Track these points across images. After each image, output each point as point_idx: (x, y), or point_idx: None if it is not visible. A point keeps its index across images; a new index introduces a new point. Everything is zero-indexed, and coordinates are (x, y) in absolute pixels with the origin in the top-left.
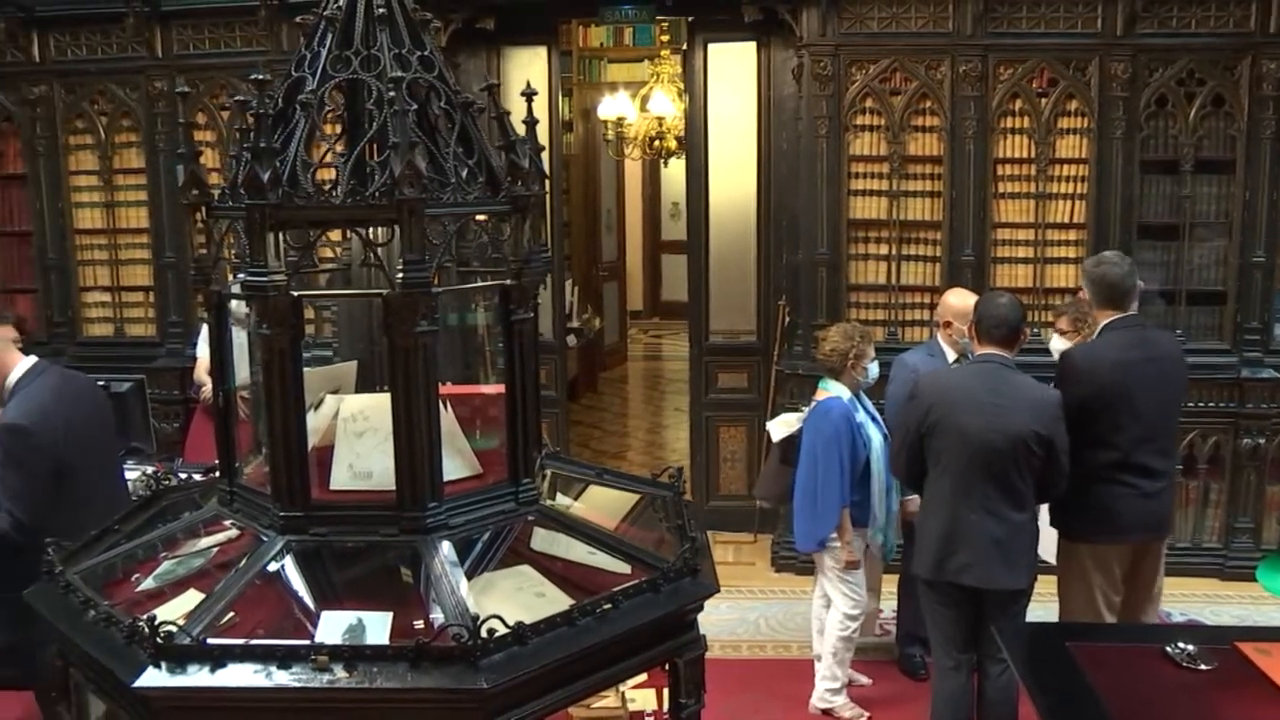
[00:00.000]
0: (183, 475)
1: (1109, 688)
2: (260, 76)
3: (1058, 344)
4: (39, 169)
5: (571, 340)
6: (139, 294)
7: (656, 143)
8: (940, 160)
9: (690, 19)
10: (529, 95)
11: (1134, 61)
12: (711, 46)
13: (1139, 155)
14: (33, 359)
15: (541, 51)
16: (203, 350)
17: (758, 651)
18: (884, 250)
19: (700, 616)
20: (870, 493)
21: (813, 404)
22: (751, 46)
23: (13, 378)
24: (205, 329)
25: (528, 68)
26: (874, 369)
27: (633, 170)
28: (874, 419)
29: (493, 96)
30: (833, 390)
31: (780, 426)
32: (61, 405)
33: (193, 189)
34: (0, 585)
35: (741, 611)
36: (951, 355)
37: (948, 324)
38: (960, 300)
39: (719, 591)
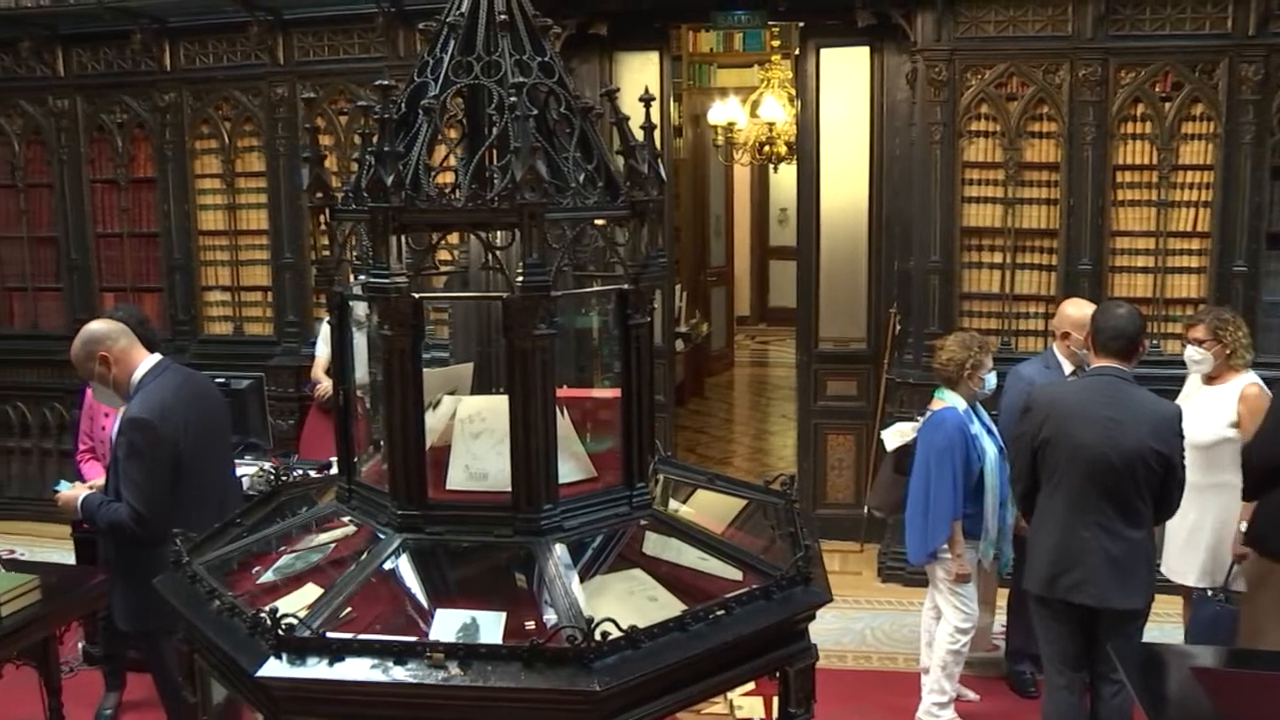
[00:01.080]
0: (297, 472)
1: (1235, 716)
2: (385, 82)
3: (1194, 354)
4: (167, 173)
5: (679, 345)
6: (257, 294)
7: (766, 148)
8: (1057, 167)
9: (802, 24)
10: (647, 101)
11: (1267, 63)
12: (824, 52)
13: (1269, 161)
14: (156, 357)
15: (653, 57)
16: (320, 349)
17: (863, 662)
18: (998, 259)
19: None
20: (984, 505)
21: (927, 414)
22: (864, 51)
23: (137, 375)
24: (323, 328)
25: (639, 73)
26: (991, 380)
27: (741, 175)
28: (989, 431)
29: (613, 102)
30: (948, 400)
31: (894, 436)
32: (181, 402)
33: (317, 192)
34: (128, 574)
35: (847, 621)
36: (1068, 367)
37: (1065, 335)
38: (1078, 310)
39: (831, 601)
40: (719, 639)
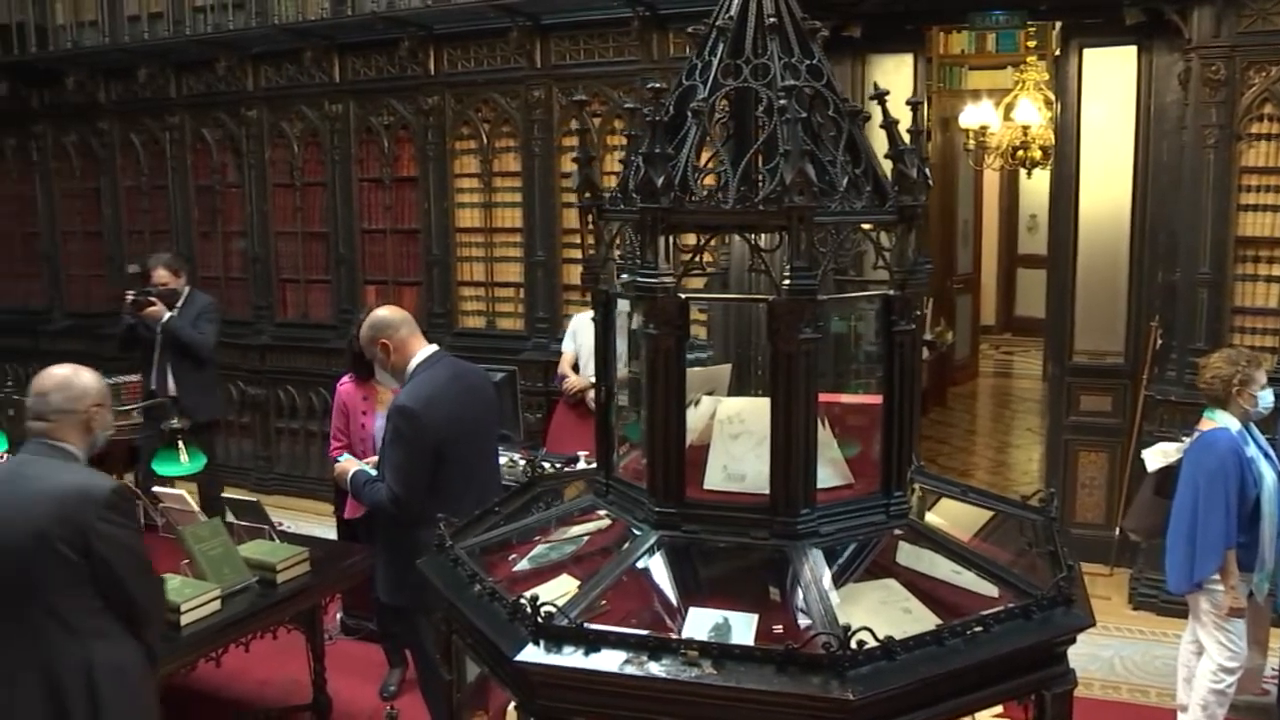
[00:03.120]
0: (545, 465)
1: None
2: (656, 85)
3: None
4: (428, 172)
5: (925, 353)
6: (510, 289)
7: (1019, 152)
8: None
9: (1064, 23)
10: (914, 104)
11: None
12: (1086, 51)
13: None
14: (433, 348)
15: (907, 59)
16: (566, 345)
17: (1111, 693)
18: (1277, 271)
19: None
20: (1259, 534)
21: (1196, 434)
22: (1131, 51)
23: (412, 364)
24: (570, 325)
25: (892, 75)
26: (1266, 397)
27: (990, 181)
28: (1266, 454)
29: (883, 105)
30: (1220, 420)
31: (1157, 456)
32: (448, 394)
33: (586, 192)
34: (390, 550)
35: (1094, 648)
36: None
37: None
38: None
39: (1094, 625)
40: (975, 656)
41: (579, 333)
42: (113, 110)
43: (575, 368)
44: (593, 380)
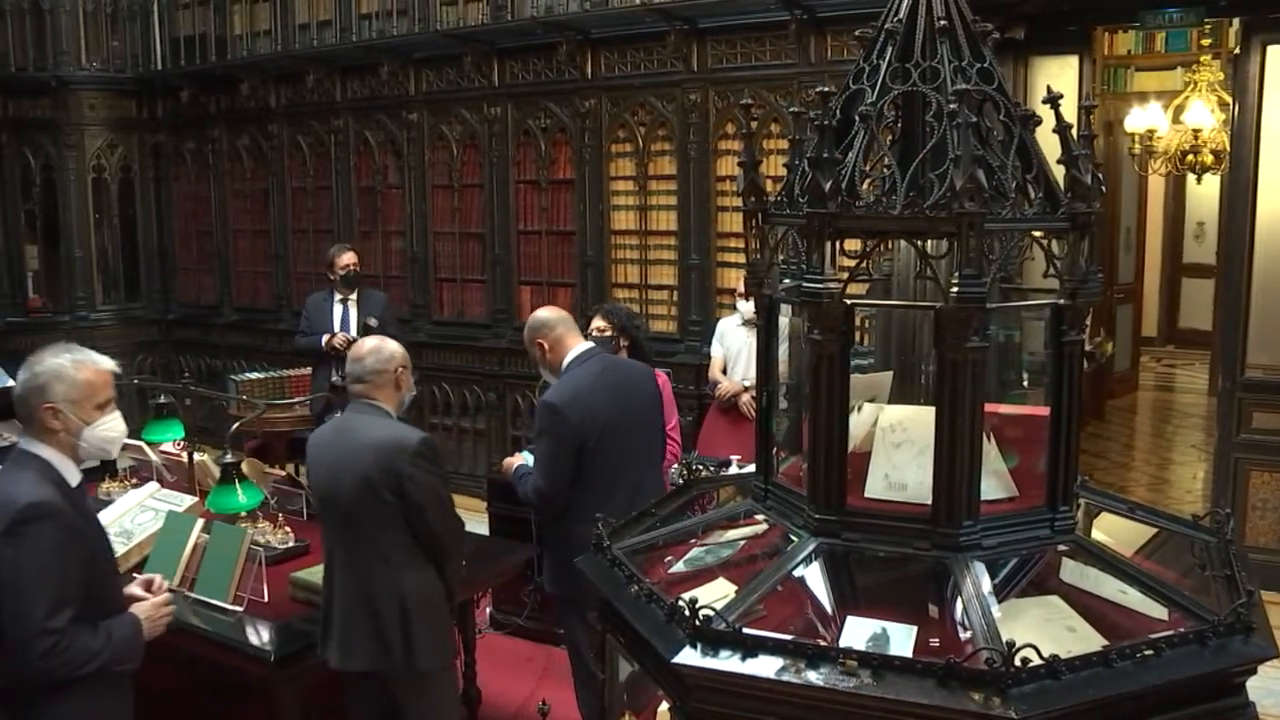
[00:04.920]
0: (697, 468)
1: None
2: (825, 89)
3: None
4: (584, 174)
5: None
6: (663, 292)
7: (1189, 157)
8: None
9: (1245, 19)
10: (1088, 108)
11: None
12: (1271, 49)
13: None
14: (586, 345)
15: (1071, 61)
16: (714, 349)
17: None
18: None
19: None
20: None
21: None
22: None
23: (565, 361)
24: (718, 329)
25: (1056, 78)
26: None
27: (1155, 187)
28: None
29: (1055, 109)
30: None
31: None
32: (596, 391)
33: (751, 196)
34: (550, 542)
35: (1269, 681)
36: None
37: None
38: None
39: (1277, 656)
40: (1146, 681)
41: (725, 336)
42: (282, 114)
43: (724, 370)
44: (743, 384)
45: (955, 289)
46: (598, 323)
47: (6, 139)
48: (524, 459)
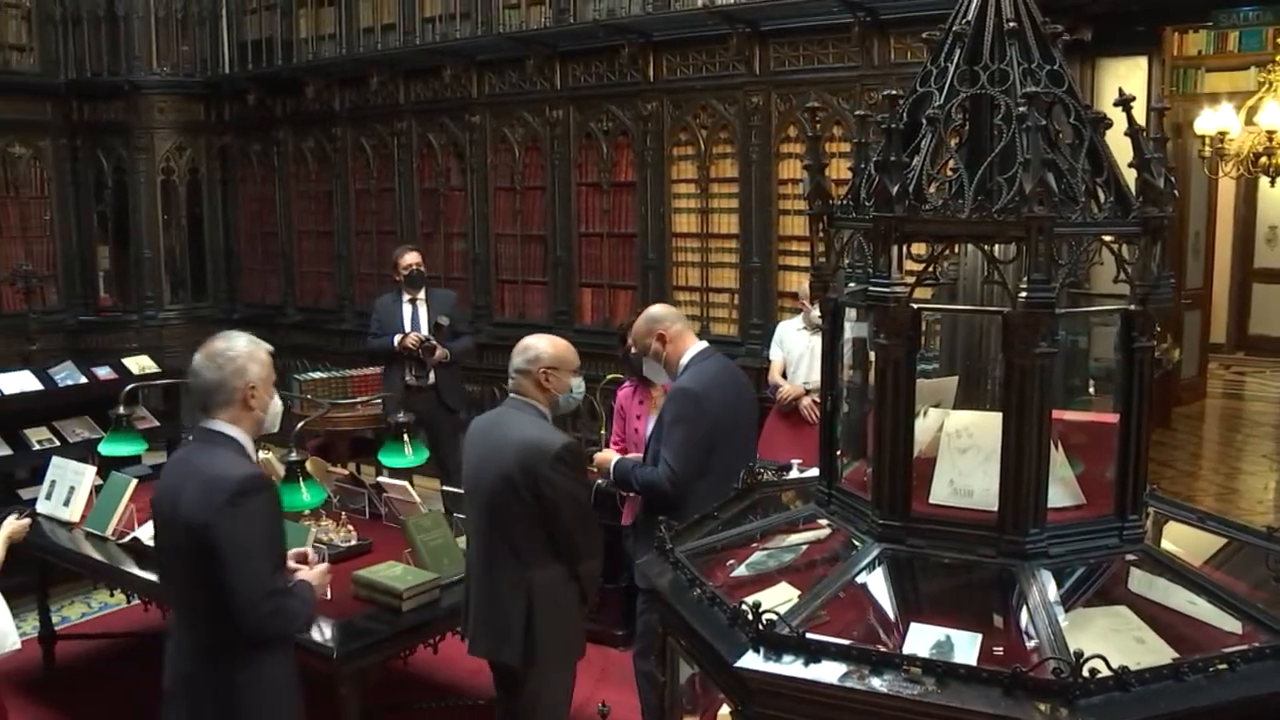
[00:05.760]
0: (759, 471)
1: None
2: (893, 93)
3: None
4: (646, 177)
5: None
6: (724, 295)
7: (1262, 159)
8: None
9: None
10: (1159, 109)
11: None
12: None
13: None
14: (704, 344)
15: (1140, 62)
16: (774, 353)
17: None
18: None
19: None
20: None
21: None
22: None
23: (685, 357)
24: (778, 332)
25: (1124, 79)
26: None
27: (1225, 190)
28: None
29: (1127, 111)
30: None
31: None
32: (720, 387)
33: (817, 199)
34: (646, 538)
35: None
36: None
37: None
38: None
39: None
40: (1219, 696)
41: (785, 339)
42: (346, 117)
43: (783, 374)
44: (803, 387)
45: (1024, 294)
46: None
47: (81, 142)
48: (609, 453)
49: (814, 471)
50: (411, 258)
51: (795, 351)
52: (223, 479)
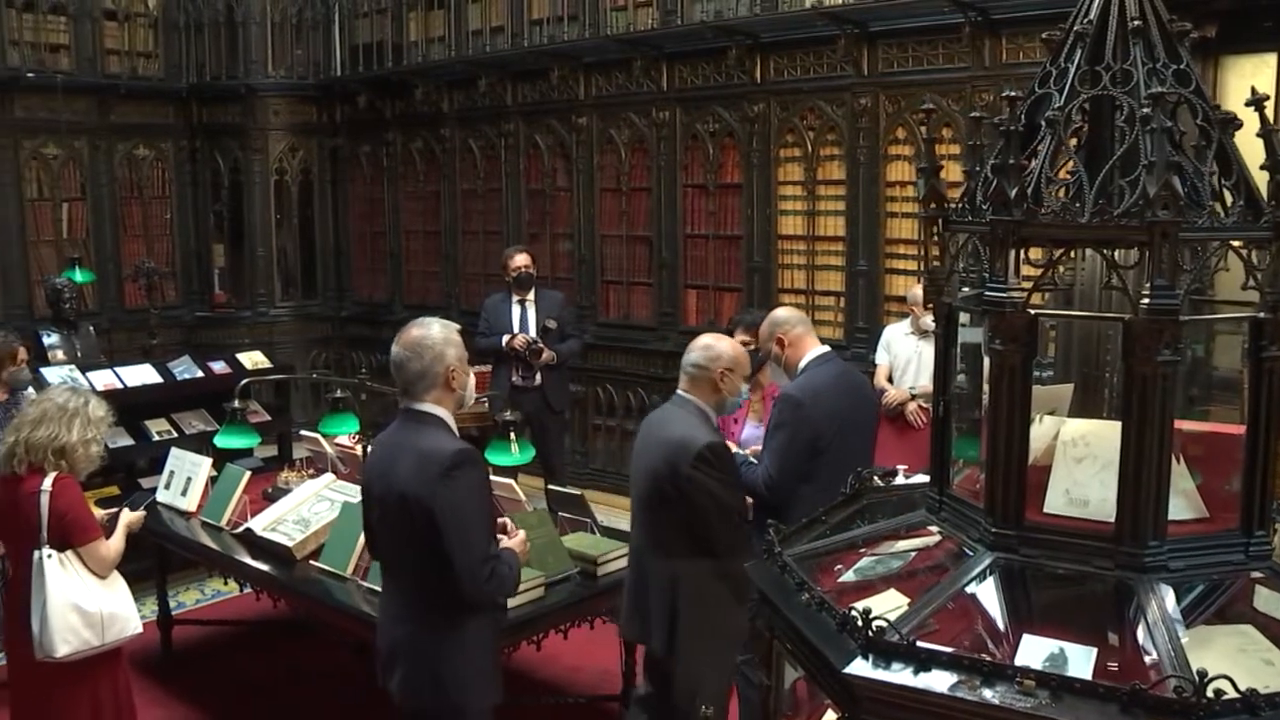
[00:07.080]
0: (867, 476)
1: None
2: (1012, 93)
3: None
4: (752, 179)
5: None
6: (830, 298)
7: None
8: None
9: None
10: None
11: None
12: None
13: None
14: (825, 348)
15: (1269, 59)
16: (880, 357)
17: None
18: None
19: None
20: None
21: None
22: None
23: (804, 361)
24: (885, 337)
25: (1250, 77)
26: None
27: None
28: None
29: (1260, 111)
30: None
31: None
32: (834, 392)
33: (931, 202)
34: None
35: None
36: None
37: None
38: None
39: None
40: None
41: (892, 344)
42: (454, 118)
43: (889, 379)
44: (909, 392)
45: (1146, 300)
46: (742, 336)
47: (200, 144)
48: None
49: (920, 477)
50: (521, 259)
51: (902, 356)
52: (438, 453)
